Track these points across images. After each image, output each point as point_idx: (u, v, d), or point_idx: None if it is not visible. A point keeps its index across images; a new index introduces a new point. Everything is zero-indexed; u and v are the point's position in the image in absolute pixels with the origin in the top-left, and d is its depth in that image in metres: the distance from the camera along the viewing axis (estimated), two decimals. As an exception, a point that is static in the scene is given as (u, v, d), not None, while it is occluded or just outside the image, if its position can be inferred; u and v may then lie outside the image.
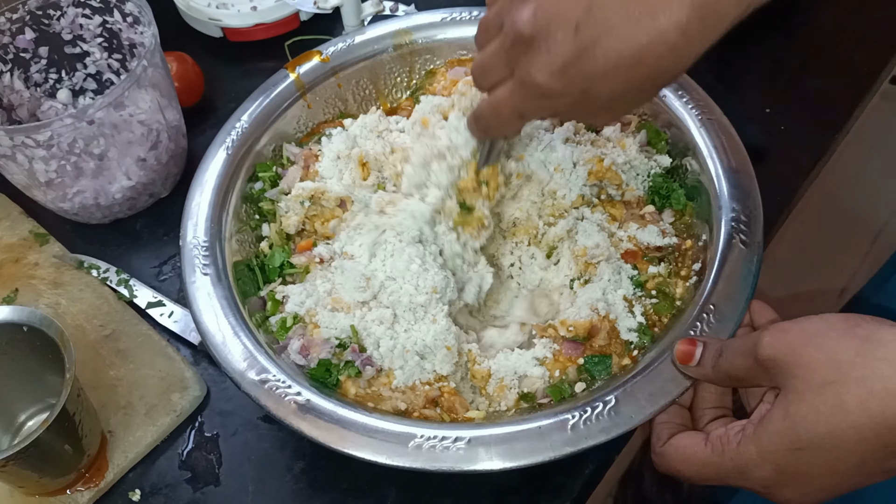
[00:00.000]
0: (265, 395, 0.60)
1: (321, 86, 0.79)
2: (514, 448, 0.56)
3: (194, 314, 0.64)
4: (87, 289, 0.79)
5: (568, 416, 0.57)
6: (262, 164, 0.75)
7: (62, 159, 0.75)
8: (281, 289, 0.69)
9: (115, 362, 0.73)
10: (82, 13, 0.84)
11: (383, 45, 0.81)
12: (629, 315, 0.66)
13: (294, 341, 0.65)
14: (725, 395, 0.60)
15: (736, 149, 0.70)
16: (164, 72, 0.80)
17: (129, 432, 0.70)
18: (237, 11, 0.96)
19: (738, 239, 0.64)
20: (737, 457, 0.51)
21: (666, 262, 0.69)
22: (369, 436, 0.57)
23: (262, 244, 0.72)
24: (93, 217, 0.83)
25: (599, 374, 0.63)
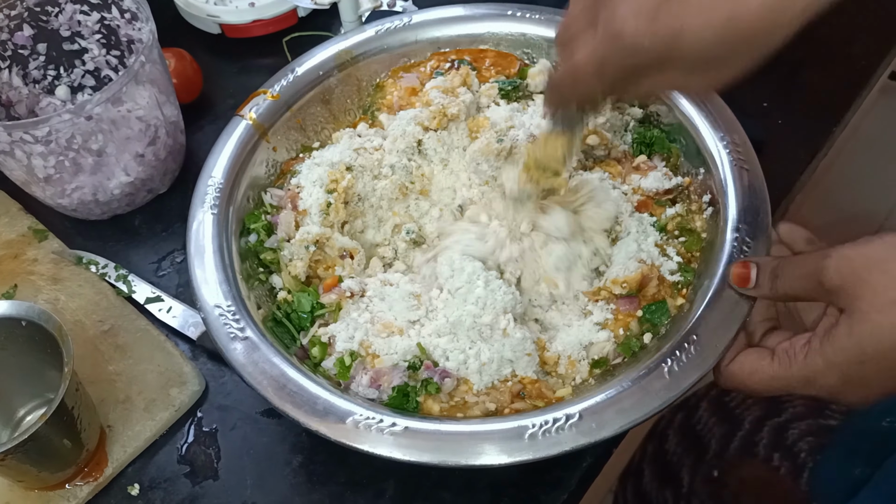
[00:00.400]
0: (362, 435, 0.57)
1: (278, 123, 0.77)
2: (624, 408, 0.57)
3: (254, 385, 0.60)
4: (85, 284, 0.79)
5: (660, 363, 0.59)
6: (250, 216, 0.72)
7: (60, 155, 0.75)
8: (322, 331, 0.66)
9: (113, 357, 0.74)
10: (80, 10, 0.85)
11: (327, 69, 0.80)
12: (666, 258, 0.68)
13: (361, 376, 0.63)
14: (772, 306, 0.63)
15: None
16: (162, 68, 0.81)
17: (128, 427, 0.70)
18: (235, 8, 0.96)
19: (738, 163, 0.68)
20: (804, 368, 0.54)
21: (679, 202, 0.72)
22: (484, 441, 0.56)
23: (279, 295, 0.69)
24: (91, 213, 0.83)
25: (660, 321, 0.65)
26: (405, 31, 0.82)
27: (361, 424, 0.57)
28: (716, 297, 0.61)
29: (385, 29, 0.82)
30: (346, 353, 0.64)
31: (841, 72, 0.92)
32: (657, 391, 0.57)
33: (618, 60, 0.51)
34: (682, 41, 0.48)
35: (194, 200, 0.70)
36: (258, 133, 0.75)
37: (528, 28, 0.81)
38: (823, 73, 0.92)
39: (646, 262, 0.67)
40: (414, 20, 0.82)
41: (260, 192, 0.74)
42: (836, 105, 0.90)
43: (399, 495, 0.66)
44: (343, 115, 0.82)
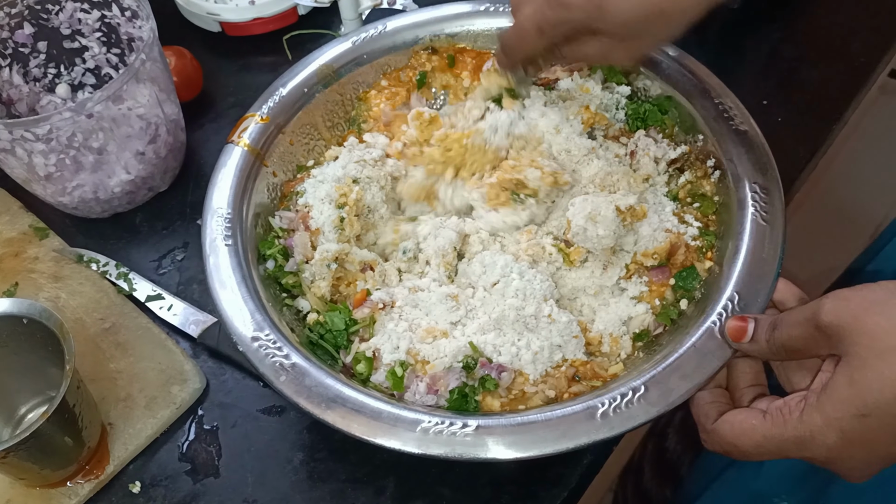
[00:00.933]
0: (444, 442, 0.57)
1: (272, 146, 0.76)
2: (686, 373, 0.58)
3: (312, 411, 0.59)
4: (86, 282, 0.79)
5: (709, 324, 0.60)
6: (264, 242, 0.71)
7: (61, 153, 0.75)
8: (365, 346, 0.65)
9: (114, 355, 0.74)
10: (81, 8, 0.85)
11: (311, 85, 0.79)
12: (686, 225, 0.69)
13: (417, 385, 0.63)
14: (761, 373, 0.60)
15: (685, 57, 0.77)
16: (163, 66, 0.81)
17: (130, 424, 0.70)
18: (235, 6, 0.96)
19: (733, 124, 0.71)
20: (800, 426, 0.51)
21: (686, 169, 0.74)
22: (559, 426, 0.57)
23: (309, 317, 0.68)
24: (92, 211, 0.84)
25: (692, 285, 0.67)
26: (382, 38, 0.82)
27: (432, 431, 0.57)
28: (749, 255, 0.63)
29: (362, 38, 0.82)
30: (396, 364, 0.63)
31: (841, 69, 0.92)
32: (713, 351, 0.58)
33: (554, 18, 0.62)
34: (607, 7, 0.59)
35: (205, 234, 0.68)
36: (255, 158, 0.74)
37: (503, 22, 0.81)
38: (823, 71, 0.92)
39: (672, 231, 0.68)
40: (389, 27, 0.82)
41: (267, 218, 0.73)
42: (836, 103, 0.90)
43: (399, 492, 0.66)
44: (332, 130, 0.81)
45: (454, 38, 0.83)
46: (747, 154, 0.69)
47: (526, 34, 0.65)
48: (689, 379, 0.57)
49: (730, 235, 0.66)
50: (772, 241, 0.63)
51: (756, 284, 0.61)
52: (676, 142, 0.75)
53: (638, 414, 0.56)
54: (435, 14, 0.83)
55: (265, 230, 0.73)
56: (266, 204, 0.74)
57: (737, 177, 0.68)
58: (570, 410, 0.57)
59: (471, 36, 0.83)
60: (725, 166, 0.70)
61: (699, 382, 0.57)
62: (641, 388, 0.57)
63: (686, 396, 0.57)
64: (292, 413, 0.71)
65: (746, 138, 0.70)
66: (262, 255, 0.71)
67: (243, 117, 0.77)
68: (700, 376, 0.57)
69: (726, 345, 0.58)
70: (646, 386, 0.57)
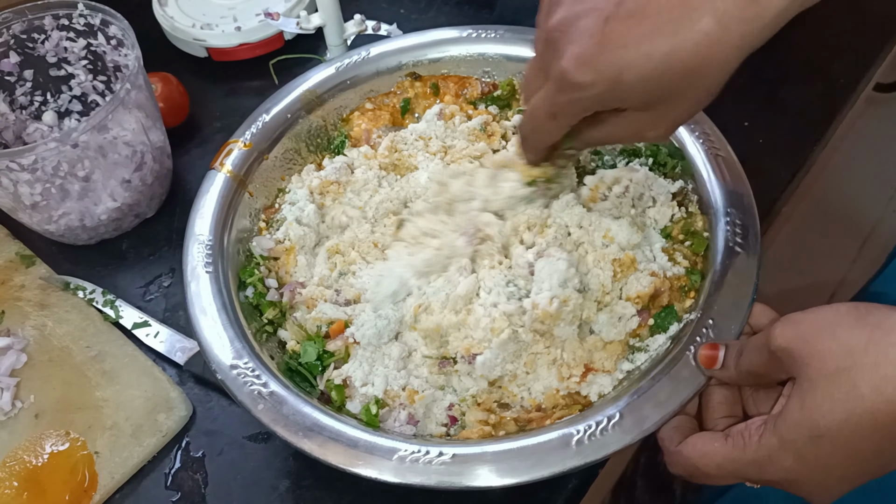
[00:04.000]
0: (420, 470, 0.57)
1: (255, 172, 0.77)
2: (661, 401, 0.58)
3: (290, 440, 0.59)
4: (73, 310, 0.79)
5: (683, 352, 0.60)
6: (244, 270, 0.72)
7: (47, 182, 0.76)
8: (336, 373, 0.66)
9: (101, 383, 0.74)
10: (67, 36, 0.85)
11: (294, 111, 0.80)
12: (673, 263, 0.69)
13: (399, 413, 0.63)
14: (736, 404, 0.60)
15: None
16: (148, 93, 0.81)
17: (116, 453, 0.70)
18: (221, 31, 0.97)
19: (713, 152, 0.71)
20: (759, 449, 0.52)
21: (683, 206, 0.73)
22: (533, 454, 0.57)
23: (289, 345, 0.69)
24: (79, 238, 0.84)
25: (669, 324, 0.66)
26: (365, 64, 0.83)
27: (409, 459, 0.57)
28: (720, 281, 0.63)
29: (345, 64, 0.82)
30: (371, 402, 0.63)
31: (821, 89, 0.93)
32: (687, 378, 0.59)
33: (565, 100, 0.53)
34: (624, 77, 0.49)
35: (186, 261, 0.69)
36: (237, 184, 0.74)
37: (485, 48, 0.82)
38: (804, 92, 0.93)
39: (658, 275, 0.67)
40: (373, 52, 0.83)
41: (249, 244, 0.74)
42: (817, 123, 0.91)
43: (385, 519, 0.67)
44: (315, 154, 0.82)
45: (437, 63, 0.83)
46: (723, 180, 0.70)
47: (539, 123, 0.58)
48: (663, 406, 0.58)
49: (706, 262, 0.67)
50: (747, 268, 0.64)
51: (731, 311, 0.62)
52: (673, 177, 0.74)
53: (612, 442, 0.57)
54: (418, 40, 0.84)
55: (247, 257, 0.74)
56: (248, 230, 0.75)
57: (712, 203, 0.69)
58: (546, 438, 0.57)
59: (454, 62, 0.83)
60: (701, 192, 0.70)
61: (673, 410, 0.58)
62: (616, 416, 0.58)
63: (660, 424, 0.57)
64: (278, 440, 0.70)
65: (722, 164, 0.70)
66: (243, 283, 0.71)
67: (226, 143, 0.77)
68: (674, 404, 0.58)
69: (700, 372, 0.59)
70: (621, 413, 0.58)
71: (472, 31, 0.83)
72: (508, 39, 0.82)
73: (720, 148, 0.72)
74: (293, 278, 0.72)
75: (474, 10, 1.04)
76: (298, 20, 0.94)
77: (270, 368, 0.64)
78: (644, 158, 0.76)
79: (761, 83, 0.94)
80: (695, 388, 0.58)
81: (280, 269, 0.73)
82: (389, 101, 0.83)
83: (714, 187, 0.69)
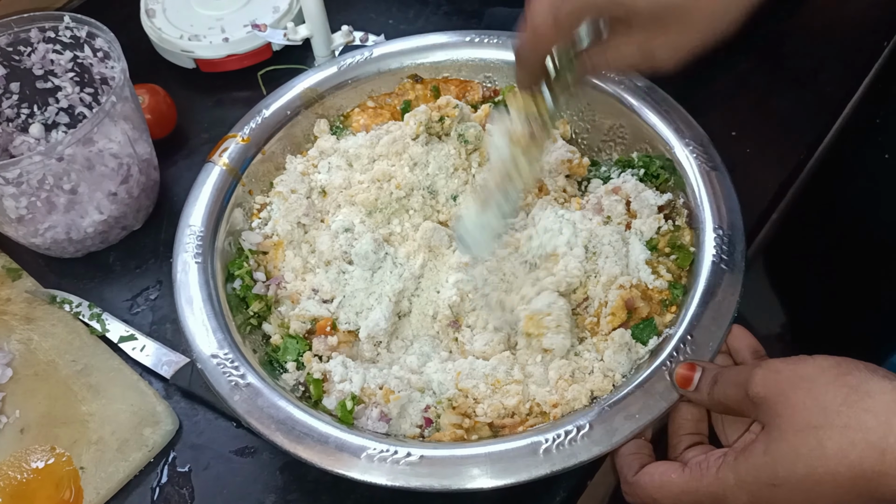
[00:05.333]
0: (387, 470, 0.58)
1: (251, 166, 0.77)
2: (631, 413, 0.58)
3: (262, 432, 0.60)
4: (59, 324, 0.79)
5: (659, 366, 0.60)
6: (233, 262, 0.73)
7: (32, 195, 0.75)
8: (317, 368, 0.66)
9: (86, 397, 0.73)
10: (53, 49, 0.85)
11: (294, 108, 0.81)
12: (656, 277, 0.68)
13: (371, 410, 0.63)
14: (702, 421, 0.61)
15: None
16: (135, 106, 0.81)
17: (101, 468, 0.69)
18: (209, 43, 0.97)
19: (705, 166, 0.71)
20: (714, 482, 0.52)
21: (671, 218, 0.72)
22: (501, 460, 0.57)
23: (273, 338, 0.70)
24: (65, 251, 0.83)
25: (648, 337, 0.65)
26: (367, 64, 0.83)
27: (376, 458, 0.58)
28: (702, 297, 0.63)
29: (348, 64, 0.83)
30: (347, 397, 0.64)
31: (810, 100, 0.93)
32: (661, 392, 0.59)
33: (571, 3, 0.54)
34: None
35: (176, 250, 0.70)
36: (232, 177, 0.75)
37: (486, 53, 0.83)
38: (792, 101, 0.93)
39: (625, 287, 0.67)
40: (375, 53, 0.84)
41: (238, 238, 0.75)
42: (805, 133, 0.91)
43: (372, 533, 0.66)
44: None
45: (439, 66, 0.84)
46: (713, 196, 0.69)
47: (541, 29, 0.55)
48: (634, 420, 0.58)
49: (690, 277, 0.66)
50: (730, 285, 0.64)
51: (710, 328, 0.62)
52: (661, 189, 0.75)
53: (580, 452, 0.57)
54: (420, 42, 0.84)
55: (238, 250, 0.74)
56: (241, 223, 0.76)
57: (700, 218, 0.69)
58: (514, 445, 0.58)
59: (455, 66, 0.84)
60: (690, 206, 0.70)
61: (644, 423, 0.57)
62: (586, 426, 0.58)
63: (630, 437, 0.57)
64: (265, 454, 0.71)
65: (714, 179, 0.70)
66: (231, 275, 0.72)
67: (224, 137, 0.78)
68: (646, 417, 0.58)
69: (673, 389, 0.59)
70: (591, 424, 0.58)
71: (475, 37, 0.84)
72: (510, 46, 0.82)
73: (713, 162, 0.71)
74: (281, 272, 0.73)
75: (462, 21, 1.04)
76: (286, 31, 0.94)
77: (250, 361, 0.64)
78: (636, 169, 0.76)
79: (749, 92, 0.94)
80: (668, 403, 0.58)
81: (269, 264, 0.74)
82: (391, 100, 0.84)
83: (704, 202, 0.69)
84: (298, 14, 0.99)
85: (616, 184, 0.74)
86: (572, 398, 0.62)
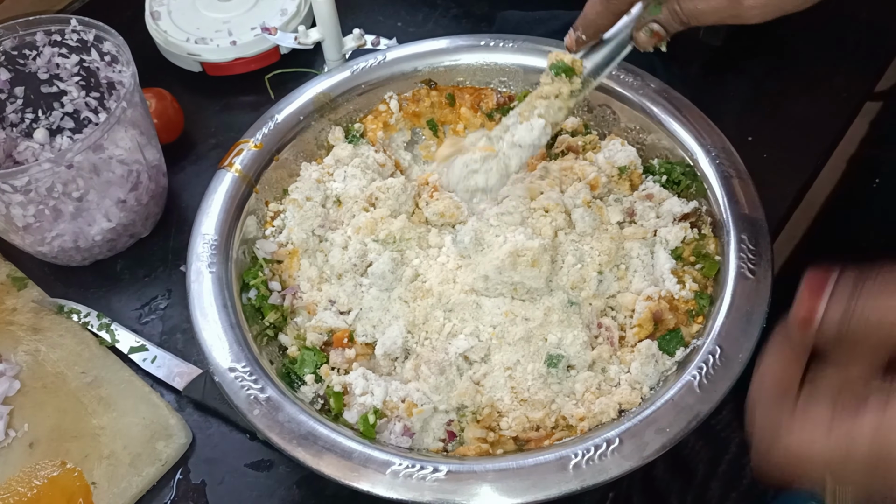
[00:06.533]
0: (413, 486, 0.56)
1: (265, 173, 0.76)
2: (662, 427, 0.57)
3: (284, 448, 0.59)
4: (67, 334, 0.77)
5: (688, 378, 0.59)
6: (248, 272, 0.71)
7: (40, 203, 0.73)
8: (337, 380, 0.65)
9: (97, 410, 0.72)
10: (59, 52, 0.83)
11: (307, 113, 0.79)
12: (681, 287, 0.67)
13: (394, 425, 0.62)
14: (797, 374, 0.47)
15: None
16: (144, 111, 0.79)
17: (114, 484, 0.68)
18: (216, 46, 0.95)
19: (728, 173, 0.70)
20: (877, 448, 0.41)
21: (696, 227, 0.71)
22: (531, 475, 0.56)
23: (290, 350, 0.69)
24: (72, 260, 0.82)
25: (675, 349, 0.64)
26: (381, 68, 0.82)
27: (402, 474, 0.56)
28: (733, 308, 0.62)
29: (360, 68, 0.82)
30: (370, 411, 0.62)
31: (825, 103, 0.92)
32: (691, 406, 0.58)
33: None
34: None
35: (190, 259, 0.69)
36: (245, 184, 0.74)
37: (501, 57, 0.82)
38: (807, 105, 0.92)
39: (653, 298, 0.66)
40: (389, 57, 0.82)
41: (252, 247, 0.73)
42: (821, 136, 0.90)
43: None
44: (326, 154, 0.81)
45: (453, 70, 0.82)
46: (737, 203, 0.68)
47: None
48: (664, 433, 0.57)
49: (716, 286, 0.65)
50: (758, 294, 0.63)
51: (739, 339, 0.61)
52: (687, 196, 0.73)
53: (611, 467, 0.56)
54: (434, 46, 0.83)
55: (252, 259, 0.73)
56: (255, 231, 0.74)
57: (724, 226, 0.68)
58: (543, 459, 0.57)
59: (470, 70, 0.83)
60: (714, 214, 0.70)
61: (675, 437, 0.56)
62: (616, 441, 0.56)
63: (661, 451, 0.56)
64: (281, 467, 0.69)
65: (737, 186, 0.70)
66: (247, 284, 0.71)
67: (237, 142, 0.77)
68: (676, 430, 0.57)
69: (705, 400, 0.58)
70: (620, 438, 0.57)
71: (490, 40, 0.82)
72: (525, 50, 0.81)
73: (735, 169, 0.70)
74: (296, 282, 0.71)
75: (472, 24, 1.03)
76: (297, 35, 0.92)
77: (268, 374, 0.63)
78: (658, 176, 0.75)
79: (764, 97, 0.93)
80: (699, 416, 0.57)
81: (283, 273, 0.73)
82: (408, 106, 0.82)
83: (727, 210, 0.68)
84: (307, 17, 0.98)
85: (650, 190, 0.73)
86: (600, 411, 0.61)
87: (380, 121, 0.82)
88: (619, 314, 0.68)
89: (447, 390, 0.63)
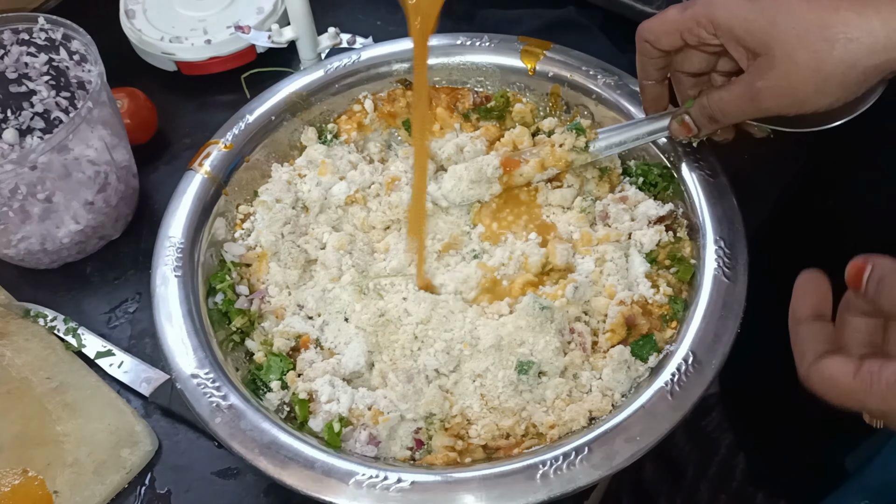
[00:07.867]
0: (377, 497, 0.55)
1: (234, 174, 0.75)
2: (632, 435, 0.56)
3: (245, 456, 0.57)
4: (33, 338, 0.75)
5: (660, 386, 0.58)
6: (215, 276, 0.70)
7: (4, 205, 0.72)
8: (303, 387, 0.63)
9: (62, 416, 0.70)
10: (27, 51, 0.81)
11: (279, 113, 0.78)
12: (656, 291, 0.66)
13: (359, 433, 0.61)
14: (877, 332, 0.53)
15: None
16: (113, 111, 0.78)
17: (77, 492, 0.66)
18: (191, 45, 0.94)
19: (704, 175, 0.69)
20: (883, 401, 0.47)
21: (671, 230, 0.70)
22: (497, 485, 0.55)
23: (256, 356, 0.67)
24: (40, 262, 0.80)
25: (648, 354, 0.63)
26: (355, 68, 0.81)
27: (365, 484, 0.55)
28: (707, 313, 0.61)
29: (334, 67, 0.80)
30: (335, 419, 0.61)
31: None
32: (663, 413, 0.56)
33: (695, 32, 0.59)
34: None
35: (155, 263, 0.67)
36: (214, 186, 0.72)
37: (478, 57, 0.80)
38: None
39: (626, 303, 0.65)
40: (363, 57, 0.81)
41: (220, 250, 0.72)
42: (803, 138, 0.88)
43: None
44: (297, 155, 0.79)
45: (429, 70, 0.80)
46: (713, 205, 0.67)
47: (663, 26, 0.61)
48: (635, 442, 0.55)
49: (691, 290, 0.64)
50: (733, 298, 0.61)
51: (713, 345, 0.59)
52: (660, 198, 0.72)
53: (579, 476, 0.54)
54: (410, 45, 0.81)
55: (220, 262, 0.71)
56: (224, 234, 0.73)
57: (700, 229, 0.66)
58: (510, 469, 0.55)
59: (446, 69, 0.81)
60: (690, 216, 0.68)
61: (646, 446, 0.55)
62: (585, 449, 0.55)
63: (631, 460, 0.55)
64: (249, 476, 0.68)
65: (714, 189, 0.68)
66: (213, 288, 0.69)
67: (206, 143, 0.75)
68: (647, 440, 0.55)
69: (677, 407, 0.56)
70: (589, 447, 0.55)
71: (465, 39, 0.81)
72: (501, 49, 0.80)
73: (713, 170, 0.69)
74: (265, 286, 0.70)
75: (453, 23, 1.01)
76: (270, 34, 0.91)
77: (232, 380, 0.62)
78: (634, 178, 0.74)
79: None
80: (670, 424, 0.56)
81: (252, 277, 0.71)
82: (383, 106, 0.81)
83: (704, 212, 0.67)
84: (283, 15, 0.96)
85: (625, 193, 0.72)
86: (570, 419, 0.60)
87: (354, 121, 0.81)
88: (592, 319, 0.66)
89: (415, 398, 0.62)
